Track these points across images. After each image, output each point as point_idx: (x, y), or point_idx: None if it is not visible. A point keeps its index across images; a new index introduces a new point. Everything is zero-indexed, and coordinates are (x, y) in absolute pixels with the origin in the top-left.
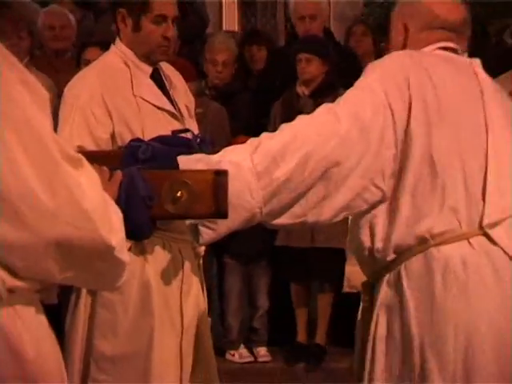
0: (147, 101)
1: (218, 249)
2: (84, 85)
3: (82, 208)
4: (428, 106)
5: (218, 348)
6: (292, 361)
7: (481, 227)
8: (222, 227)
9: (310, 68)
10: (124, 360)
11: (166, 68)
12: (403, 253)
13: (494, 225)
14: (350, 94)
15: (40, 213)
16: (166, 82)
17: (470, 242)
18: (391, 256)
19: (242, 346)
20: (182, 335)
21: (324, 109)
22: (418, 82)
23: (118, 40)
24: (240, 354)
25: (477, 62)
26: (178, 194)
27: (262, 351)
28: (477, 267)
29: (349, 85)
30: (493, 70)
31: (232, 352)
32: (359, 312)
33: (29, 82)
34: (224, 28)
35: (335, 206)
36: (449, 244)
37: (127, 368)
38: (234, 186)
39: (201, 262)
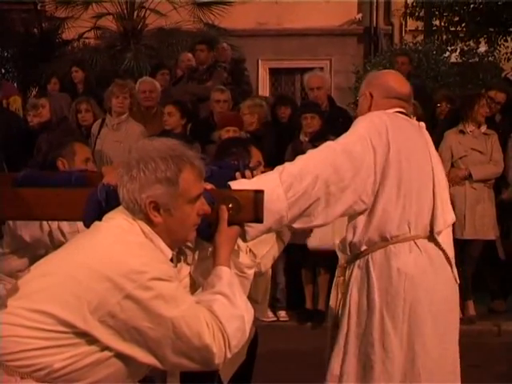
0: None
1: None
2: None
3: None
4: (400, 148)
5: None
6: (302, 321)
7: (432, 234)
8: (260, 226)
9: (313, 122)
10: None
11: None
12: (371, 246)
13: (439, 232)
14: (345, 136)
15: None
16: None
17: (415, 243)
18: (363, 248)
19: (268, 309)
20: None
21: (327, 145)
22: (393, 133)
23: None
24: (267, 315)
25: (422, 123)
26: (230, 206)
27: (282, 313)
28: (419, 260)
29: (340, 132)
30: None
31: None
32: (333, 285)
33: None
34: (260, 93)
35: (336, 213)
36: (401, 243)
37: None
38: (269, 197)
39: None
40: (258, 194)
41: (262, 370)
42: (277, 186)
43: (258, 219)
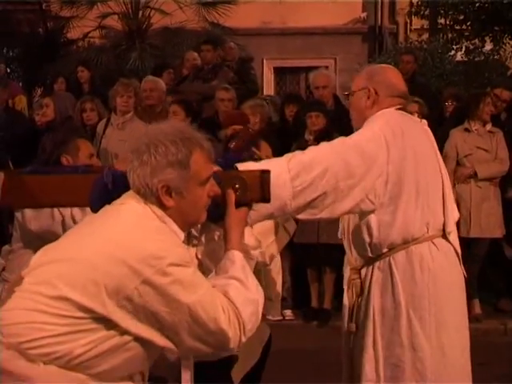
0: None
1: None
2: None
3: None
4: (414, 149)
5: None
6: (308, 319)
7: (444, 233)
8: (263, 209)
9: (318, 121)
10: None
11: None
12: (392, 248)
13: (450, 232)
14: (359, 133)
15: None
16: None
17: (433, 242)
18: (384, 250)
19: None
20: None
21: (340, 140)
22: (408, 133)
23: None
24: (273, 314)
25: (424, 121)
26: (237, 186)
27: (288, 312)
28: (437, 258)
29: (345, 131)
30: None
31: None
32: (347, 286)
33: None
34: (265, 92)
35: (342, 209)
36: (420, 243)
37: None
38: (274, 181)
39: None
40: (265, 173)
41: (268, 369)
42: (284, 172)
43: (265, 199)
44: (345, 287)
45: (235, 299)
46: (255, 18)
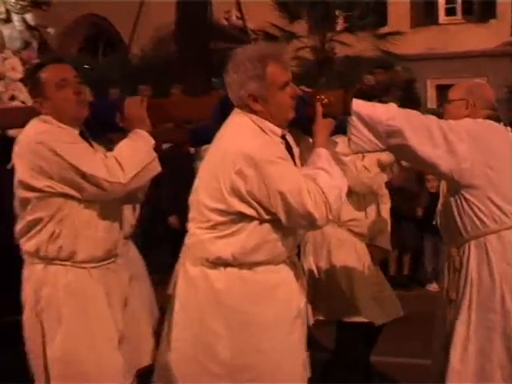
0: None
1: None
2: None
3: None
4: (497, 152)
5: (419, 282)
6: None
7: None
8: (367, 141)
9: None
10: None
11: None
12: (485, 229)
13: None
14: (449, 122)
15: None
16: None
17: None
18: (478, 231)
19: (433, 282)
20: None
21: (436, 120)
22: (492, 137)
23: None
24: (433, 287)
25: (509, 128)
26: (324, 101)
27: (434, 285)
28: None
29: None
30: None
31: (429, 285)
32: (448, 262)
33: None
34: (428, 106)
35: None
36: (508, 230)
37: None
38: (374, 116)
39: None
40: (347, 92)
41: (417, 328)
42: (385, 113)
43: (347, 113)
44: (445, 262)
45: (322, 185)
46: (420, 45)
